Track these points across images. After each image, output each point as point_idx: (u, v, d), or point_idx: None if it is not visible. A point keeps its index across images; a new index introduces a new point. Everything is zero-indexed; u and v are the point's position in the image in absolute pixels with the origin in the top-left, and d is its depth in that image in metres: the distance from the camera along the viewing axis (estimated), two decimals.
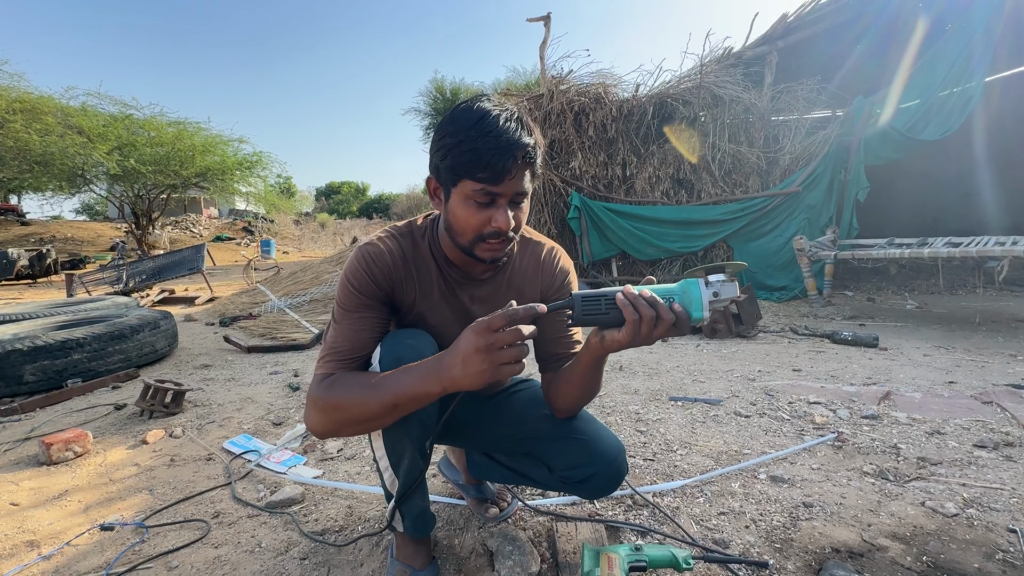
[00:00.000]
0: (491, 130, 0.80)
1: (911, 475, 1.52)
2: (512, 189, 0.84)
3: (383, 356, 0.92)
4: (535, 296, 1.08)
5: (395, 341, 0.94)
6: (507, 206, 0.86)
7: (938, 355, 3.06)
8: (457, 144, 0.81)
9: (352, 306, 0.94)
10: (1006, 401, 2.09)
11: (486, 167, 0.80)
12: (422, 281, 1.00)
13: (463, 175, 0.83)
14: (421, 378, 0.79)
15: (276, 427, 2.15)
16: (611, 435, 1.07)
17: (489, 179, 0.81)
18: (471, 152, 0.80)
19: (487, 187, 0.82)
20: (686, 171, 5.88)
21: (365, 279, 0.94)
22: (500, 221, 0.85)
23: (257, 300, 6.13)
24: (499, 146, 0.79)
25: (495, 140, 0.79)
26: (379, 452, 0.99)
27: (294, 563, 1.19)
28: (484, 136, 0.80)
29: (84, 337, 2.87)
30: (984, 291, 5.40)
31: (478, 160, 0.80)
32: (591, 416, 1.11)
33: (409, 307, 1.01)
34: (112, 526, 1.38)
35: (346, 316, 0.94)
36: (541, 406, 1.11)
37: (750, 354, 3.21)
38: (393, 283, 0.97)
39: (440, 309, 1.03)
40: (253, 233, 22.47)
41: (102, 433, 2.12)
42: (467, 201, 0.85)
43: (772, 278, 5.43)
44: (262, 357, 3.62)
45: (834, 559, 1.14)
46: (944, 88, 4.93)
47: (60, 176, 12.69)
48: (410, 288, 0.99)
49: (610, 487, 1.05)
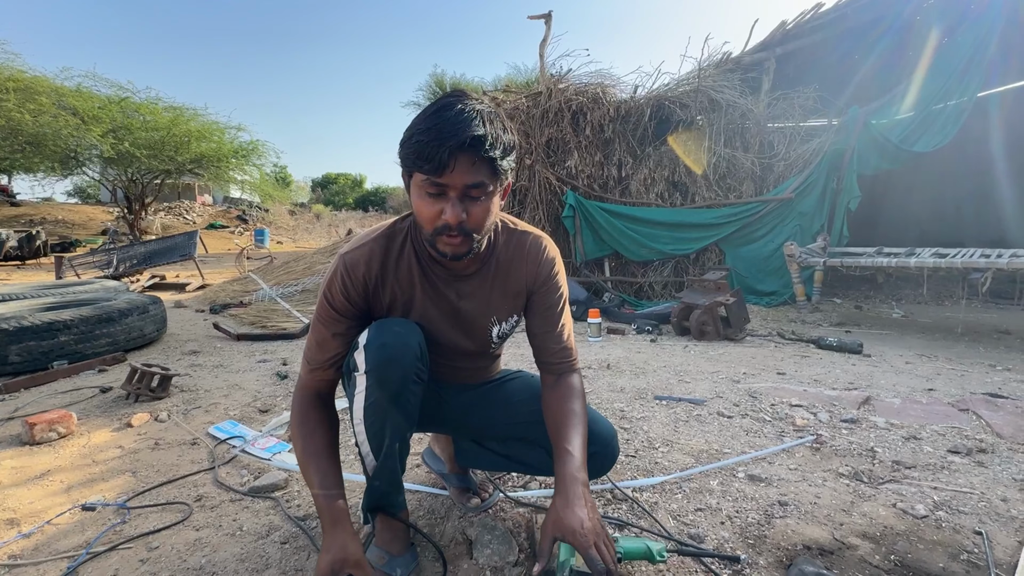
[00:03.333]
0: (438, 122, 0.81)
1: (885, 477, 1.55)
2: (459, 181, 0.83)
3: (369, 342, 0.95)
4: (520, 288, 1.08)
5: (383, 328, 0.98)
6: (458, 200, 0.85)
7: (920, 363, 3.12)
8: (409, 137, 0.85)
9: (325, 319, 1.00)
10: (982, 409, 2.14)
11: (426, 159, 0.81)
12: (402, 282, 1.02)
13: (411, 166, 0.86)
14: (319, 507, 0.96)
15: (262, 414, 2.15)
16: (604, 419, 1.15)
17: (431, 170, 0.82)
18: (415, 144, 0.82)
19: (431, 178, 0.83)
20: (681, 174, 5.92)
21: (340, 297, 0.99)
22: (448, 214, 0.85)
23: (249, 289, 6.11)
24: (439, 137, 0.80)
25: (437, 132, 0.80)
26: (360, 437, 1.01)
27: (275, 547, 1.21)
28: (429, 129, 0.81)
29: (71, 319, 2.85)
30: (968, 302, 5.48)
31: (419, 151, 0.82)
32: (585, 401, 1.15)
33: (389, 309, 1.04)
34: (94, 506, 1.38)
35: (320, 327, 1.01)
36: (535, 391, 1.14)
37: (736, 356, 3.25)
38: (368, 294, 1.01)
39: (424, 308, 1.04)
40: (247, 222, 22.30)
41: (87, 415, 2.12)
42: (420, 193, 0.87)
43: (762, 283, 5.48)
44: (251, 345, 3.61)
45: (805, 555, 1.17)
46: (939, 101, 5.00)
47: (52, 157, 12.54)
48: (387, 292, 1.02)
49: (605, 467, 1.13)
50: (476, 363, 1.19)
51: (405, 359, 0.95)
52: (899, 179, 7.39)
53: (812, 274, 5.13)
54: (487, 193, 0.88)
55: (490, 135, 0.83)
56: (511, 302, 1.09)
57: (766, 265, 5.51)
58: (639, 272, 5.92)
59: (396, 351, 0.94)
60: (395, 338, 0.94)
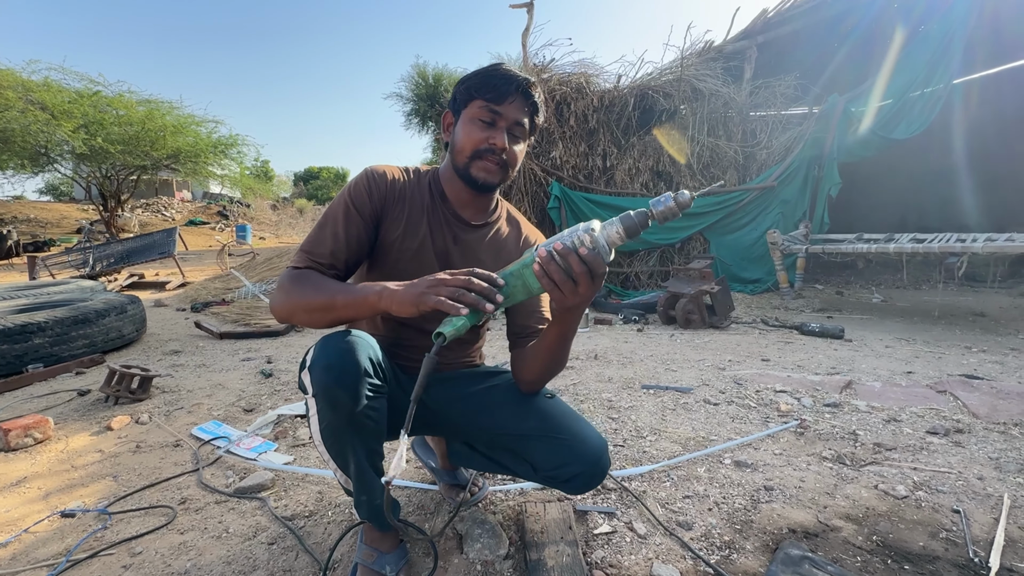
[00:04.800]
0: (502, 68, 1.01)
1: (867, 460, 1.58)
2: (512, 115, 0.99)
3: (313, 363, 0.89)
4: (508, 261, 1.07)
5: (327, 346, 0.90)
6: (505, 131, 1.00)
7: (899, 347, 3.18)
8: (474, 75, 1.01)
9: (341, 213, 1.01)
10: (958, 390, 2.19)
11: (493, 87, 0.98)
12: (413, 207, 1.07)
13: (474, 94, 1.00)
14: (364, 287, 0.89)
15: (247, 413, 2.12)
16: (593, 433, 1.06)
17: (494, 97, 0.98)
18: (483, 76, 1.00)
19: (491, 105, 0.98)
20: (665, 163, 5.94)
21: (362, 192, 1.03)
22: (497, 139, 0.99)
23: (231, 286, 6.00)
24: (507, 75, 0.99)
25: (504, 72, 1.00)
26: (324, 456, 0.97)
27: (262, 548, 1.19)
28: (496, 68, 1.01)
29: (46, 321, 2.77)
30: (944, 286, 5.62)
31: (488, 81, 0.99)
32: (573, 412, 1.09)
33: (395, 226, 1.06)
34: (73, 513, 1.35)
35: (331, 221, 1.01)
36: (521, 402, 1.10)
37: (722, 344, 3.29)
38: (386, 202, 1.05)
39: (423, 237, 1.08)
40: (228, 217, 21.88)
41: (64, 419, 2.06)
42: (472, 120, 1.00)
43: (746, 271, 5.55)
44: (234, 343, 3.56)
45: (790, 539, 1.19)
46: (915, 89, 5.07)
47: (21, 154, 12.10)
48: (400, 211, 1.06)
49: (593, 484, 1.06)
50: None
51: (351, 378, 0.87)
52: (878, 166, 7.51)
53: (795, 261, 5.20)
54: (524, 139, 1.04)
55: (537, 90, 1.02)
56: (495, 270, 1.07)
57: (750, 253, 5.57)
58: (625, 262, 5.95)
59: (341, 373, 0.87)
60: (339, 358, 0.88)
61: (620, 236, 0.77)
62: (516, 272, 0.81)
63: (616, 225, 0.77)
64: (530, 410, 1.08)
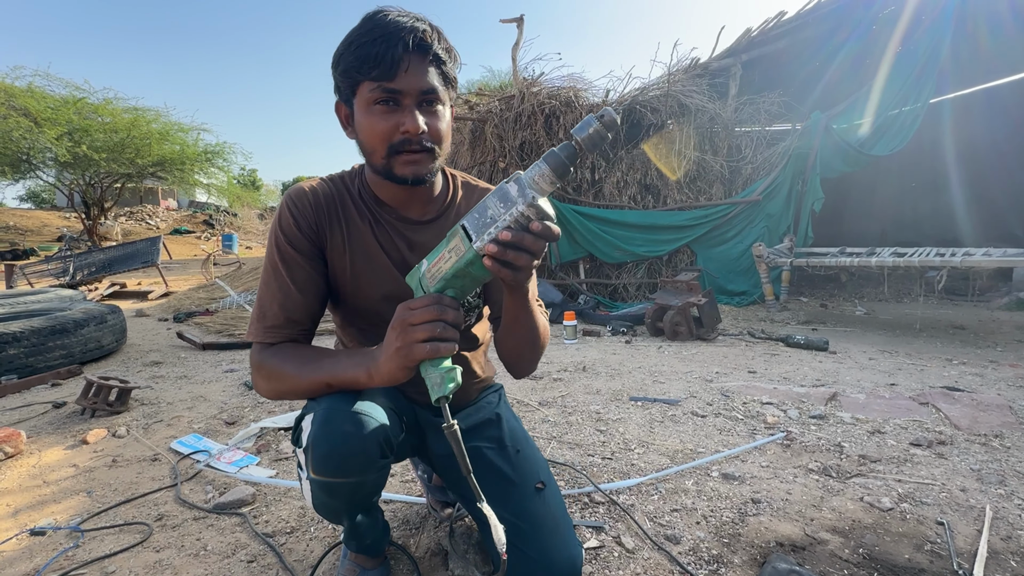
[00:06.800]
0: (378, 24, 0.77)
1: (852, 472, 1.59)
2: (414, 85, 0.78)
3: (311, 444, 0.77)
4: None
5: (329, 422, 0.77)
6: (415, 108, 0.79)
7: (882, 359, 3.23)
8: (347, 47, 0.78)
9: (279, 260, 0.86)
10: (941, 402, 2.22)
11: (375, 61, 0.75)
12: (350, 225, 0.92)
13: (357, 76, 0.78)
14: (354, 364, 0.77)
15: (229, 426, 2.07)
16: (565, 554, 0.88)
17: (382, 74, 0.76)
18: (359, 47, 0.76)
19: (383, 84, 0.77)
20: (653, 177, 6.01)
21: (290, 227, 0.87)
22: (408, 123, 0.78)
23: (215, 296, 5.92)
24: (386, 35, 0.75)
25: (382, 31, 0.76)
26: (313, 513, 0.94)
27: (241, 566, 1.15)
28: (372, 30, 0.76)
29: (21, 331, 2.70)
30: (925, 299, 5.73)
31: (366, 55, 0.75)
32: (553, 517, 0.93)
33: (338, 250, 0.91)
34: (44, 530, 1.30)
35: (273, 275, 0.86)
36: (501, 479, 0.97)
37: (709, 356, 3.31)
38: (319, 225, 0.89)
39: (375, 253, 0.92)
40: (214, 227, 21.66)
41: (37, 433, 2.00)
42: (370, 109, 0.79)
43: (732, 283, 5.61)
44: (218, 354, 3.49)
45: (778, 552, 1.18)
46: (894, 108, 5.23)
47: (2, 160, 11.92)
48: (337, 231, 0.91)
49: None
50: None
51: (354, 467, 0.76)
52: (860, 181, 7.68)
53: (780, 274, 5.28)
54: (442, 102, 0.83)
55: (433, 32, 0.79)
56: None
57: (736, 266, 5.65)
58: (613, 274, 5.98)
59: (342, 462, 0.76)
60: (342, 443, 0.75)
61: (552, 181, 0.63)
62: (461, 272, 0.68)
63: (542, 168, 0.63)
64: (509, 499, 0.93)
